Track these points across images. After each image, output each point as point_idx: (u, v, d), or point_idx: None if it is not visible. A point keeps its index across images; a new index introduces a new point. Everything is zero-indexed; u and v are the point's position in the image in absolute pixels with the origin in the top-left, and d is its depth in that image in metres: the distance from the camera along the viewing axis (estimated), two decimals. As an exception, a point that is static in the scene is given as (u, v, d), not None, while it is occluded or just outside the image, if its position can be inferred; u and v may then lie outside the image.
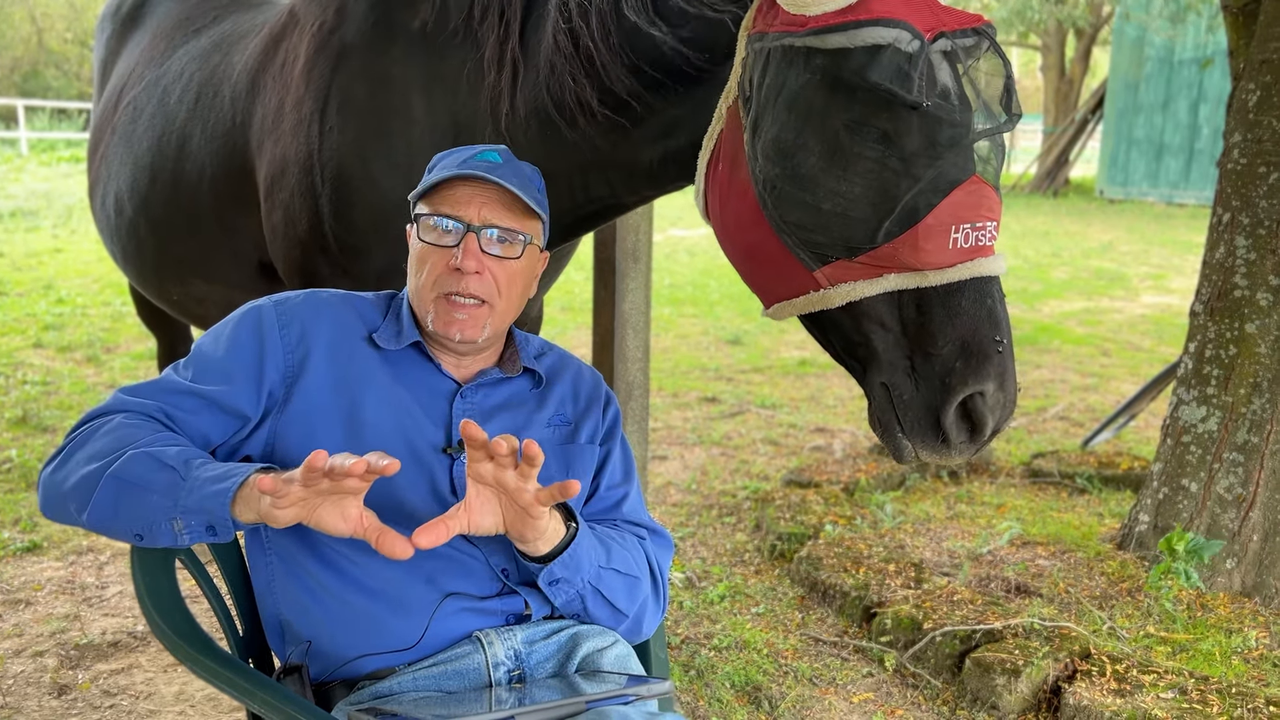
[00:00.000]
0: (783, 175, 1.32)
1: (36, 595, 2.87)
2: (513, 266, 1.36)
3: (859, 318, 1.34)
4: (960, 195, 1.28)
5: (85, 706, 2.34)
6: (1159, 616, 2.74)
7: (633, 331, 2.78)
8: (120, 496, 1.19)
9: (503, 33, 1.70)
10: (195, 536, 1.18)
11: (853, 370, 1.43)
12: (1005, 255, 1.34)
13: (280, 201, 2.01)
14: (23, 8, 27.52)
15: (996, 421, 1.33)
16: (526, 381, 1.46)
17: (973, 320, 1.29)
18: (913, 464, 1.42)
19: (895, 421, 1.36)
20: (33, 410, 4.53)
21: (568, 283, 8.51)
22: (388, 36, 1.87)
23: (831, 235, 1.31)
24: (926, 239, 1.27)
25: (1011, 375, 1.31)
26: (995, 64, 1.32)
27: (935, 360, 1.30)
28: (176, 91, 2.43)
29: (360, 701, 1.28)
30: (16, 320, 6.46)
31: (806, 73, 1.30)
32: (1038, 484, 3.91)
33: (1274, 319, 2.82)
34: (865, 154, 1.28)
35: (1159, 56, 18.49)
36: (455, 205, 1.35)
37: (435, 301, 1.35)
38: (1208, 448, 2.92)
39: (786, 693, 2.45)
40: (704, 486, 3.92)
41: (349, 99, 1.89)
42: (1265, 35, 2.85)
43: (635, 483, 1.52)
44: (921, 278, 1.28)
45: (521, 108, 1.70)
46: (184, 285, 2.56)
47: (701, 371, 5.78)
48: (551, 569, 1.27)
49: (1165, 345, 6.79)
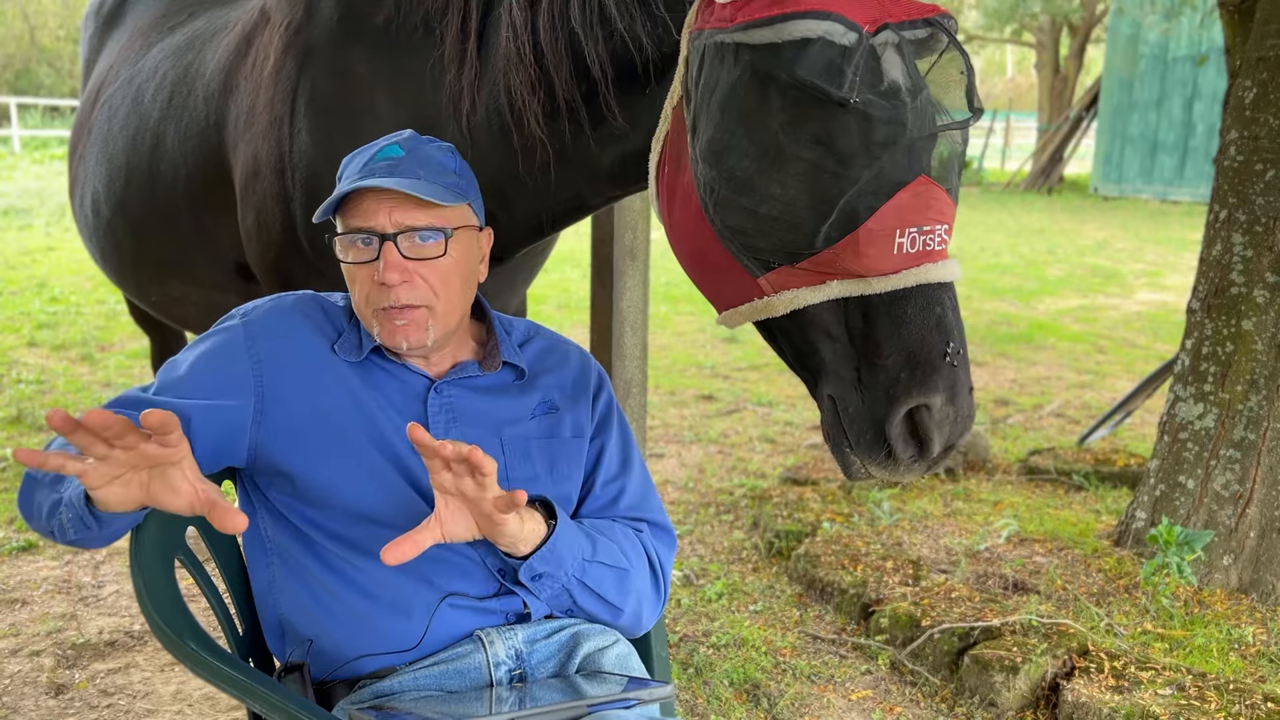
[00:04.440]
0: (720, 178, 1.26)
1: (33, 595, 2.86)
2: (442, 265, 1.30)
3: (805, 326, 1.29)
4: (906, 197, 1.21)
5: (83, 706, 2.34)
6: (1156, 613, 2.75)
7: (630, 330, 2.77)
8: (33, 492, 1.22)
9: (460, 30, 1.67)
10: (76, 531, 1.17)
11: (805, 380, 1.37)
12: (957, 260, 1.27)
13: (254, 204, 1.98)
14: (14, 5, 27.41)
15: (947, 437, 1.26)
16: (509, 374, 1.42)
17: (919, 329, 1.22)
18: (865, 479, 1.35)
19: (843, 435, 1.30)
20: (27, 409, 4.51)
21: (565, 281, 8.51)
22: (353, 33, 1.84)
23: (772, 241, 1.25)
24: (869, 244, 1.21)
25: (964, 388, 1.25)
26: (952, 57, 1.25)
27: (881, 371, 1.24)
28: (150, 90, 2.38)
29: (361, 700, 1.27)
30: (10, 319, 6.44)
31: (737, 70, 1.24)
32: (1034, 481, 3.91)
33: (1271, 316, 2.82)
34: (801, 155, 1.21)
35: (1153, 53, 18.52)
36: (365, 217, 1.29)
37: (374, 316, 1.32)
38: (1204, 445, 2.93)
39: (785, 690, 2.45)
40: (701, 484, 3.92)
41: (316, 98, 1.86)
42: (1262, 32, 2.85)
43: (636, 472, 1.47)
44: (865, 284, 1.22)
45: (481, 107, 1.67)
46: (162, 286, 2.52)
47: (698, 369, 5.77)
48: (531, 564, 1.24)
49: (1161, 342, 6.80)
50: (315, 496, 1.31)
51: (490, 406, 1.38)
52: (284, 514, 1.33)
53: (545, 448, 1.39)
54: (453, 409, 1.36)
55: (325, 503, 1.31)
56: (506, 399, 1.40)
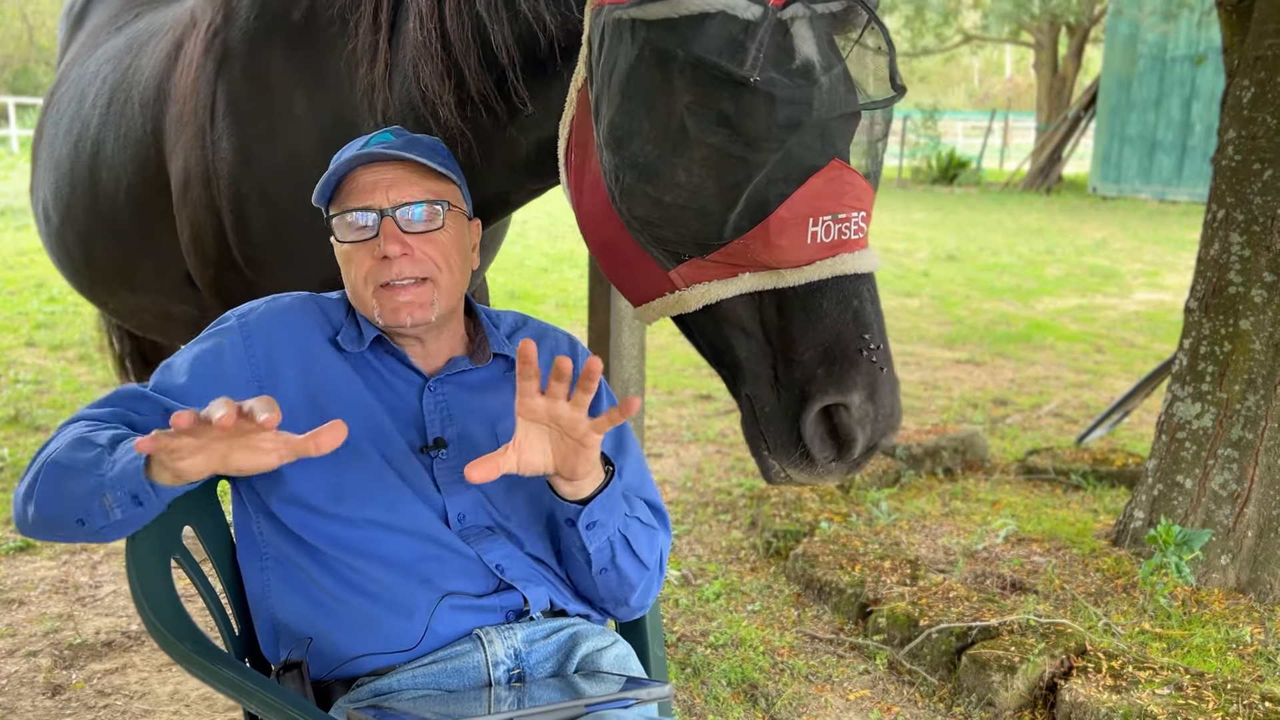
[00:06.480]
0: (624, 165, 1.19)
1: (30, 595, 2.86)
2: (440, 238, 1.31)
3: (719, 322, 1.23)
4: (818, 183, 1.14)
5: (79, 706, 2.33)
6: (1154, 613, 2.75)
7: (628, 329, 2.77)
8: (61, 481, 1.19)
9: (372, 21, 1.62)
10: (124, 510, 1.16)
11: (724, 379, 1.31)
12: (876, 251, 1.21)
13: (187, 218, 1.93)
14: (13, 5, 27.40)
15: (869, 437, 1.19)
16: (500, 365, 1.42)
17: (835, 323, 1.16)
18: (785, 483, 1.29)
19: (760, 437, 1.24)
20: (25, 409, 4.51)
21: (563, 281, 8.51)
22: (269, 33, 1.79)
23: (680, 231, 1.19)
24: (780, 233, 1.14)
25: (885, 386, 1.18)
26: (871, 32, 1.18)
27: (796, 368, 1.18)
28: (91, 95, 2.31)
29: (360, 699, 1.27)
30: (8, 319, 6.44)
31: (635, 48, 1.16)
32: (1032, 481, 3.91)
33: (1268, 315, 2.82)
34: (704, 139, 1.14)
35: (1152, 53, 18.53)
36: (362, 195, 1.30)
37: (374, 295, 1.31)
38: (1202, 444, 2.93)
39: (782, 690, 2.45)
40: (699, 484, 3.91)
41: (233, 102, 1.81)
42: (1259, 32, 2.85)
43: (632, 454, 1.45)
44: (778, 277, 1.16)
45: (395, 101, 1.62)
46: (114, 295, 2.47)
47: (696, 369, 5.77)
48: (591, 509, 1.24)
49: (1159, 342, 6.80)
50: (314, 499, 1.31)
51: (484, 402, 1.39)
52: (281, 518, 1.33)
53: None
54: (447, 406, 1.37)
55: (324, 506, 1.31)
56: (500, 392, 1.40)
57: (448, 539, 1.32)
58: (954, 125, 30.47)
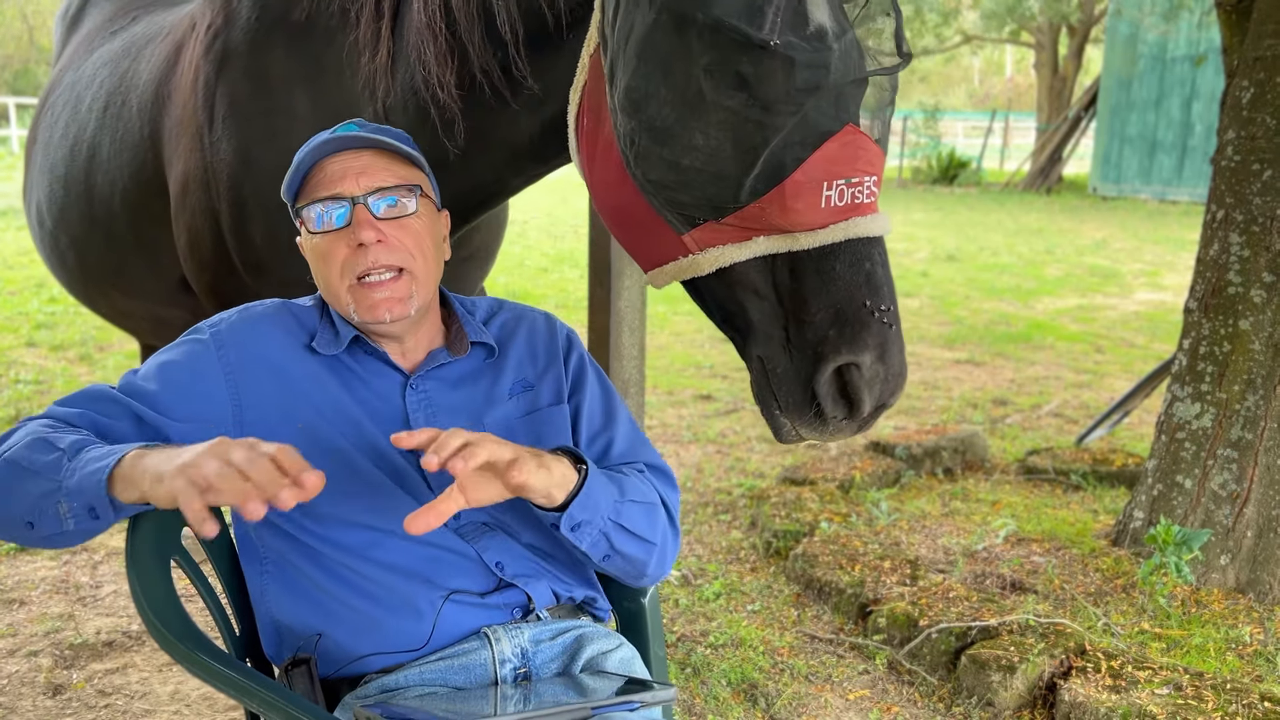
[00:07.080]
0: (640, 129, 1.20)
1: (30, 595, 2.86)
2: (414, 225, 1.29)
3: (732, 285, 1.24)
4: (833, 148, 1.16)
5: (80, 706, 2.34)
6: (1153, 613, 2.75)
7: (628, 330, 2.78)
8: (13, 480, 1.15)
9: (375, 9, 1.61)
10: (79, 520, 1.13)
11: (734, 341, 1.33)
12: (887, 216, 1.22)
13: (185, 223, 1.92)
14: (13, 5, 27.41)
15: (878, 396, 1.23)
16: (479, 354, 1.40)
17: (848, 285, 1.18)
18: (795, 441, 1.32)
19: (771, 397, 1.27)
20: (25, 409, 4.51)
21: (563, 281, 8.51)
22: (270, 33, 1.79)
23: (695, 195, 1.20)
24: (795, 197, 1.16)
25: (895, 346, 1.21)
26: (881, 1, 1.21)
27: (808, 329, 1.20)
28: (88, 99, 2.30)
29: (367, 695, 1.27)
30: (9, 319, 6.44)
31: (653, 12, 1.16)
32: (1032, 481, 3.92)
33: (1268, 315, 2.82)
34: (722, 102, 1.15)
35: (1152, 53, 18.52)
36: (330, 185, 1.28)
37: (350, 291, 1.29)
38: (1202, 444, 2.93)
39: (782, 690, 2.45)
40: (699, 484, 3.92)
41: (234, 104, 1.81)
42: (1259, 32, 2.85)
43: (622, 419, 1.45)
44: (792, 240, 1.18)
45: (396, 88, 1.61)
46: (108, 299, 2.46)
47: (696, 369, 5.77)
48: (570, 514, 1.22)
49: (1159, 342, 6.80)
50: (306, 505, 1.31)
51: (468, 395, 1.37)
52: (277, 523, 1.32)
53: (529, 424, 1.39)
54: (431, 403, 1.35)
55: (316, 510, 1.29)
56: (482, 384, 1.39)
57: (446, 538, 1.31)
58: (954, 125, 30.45)
